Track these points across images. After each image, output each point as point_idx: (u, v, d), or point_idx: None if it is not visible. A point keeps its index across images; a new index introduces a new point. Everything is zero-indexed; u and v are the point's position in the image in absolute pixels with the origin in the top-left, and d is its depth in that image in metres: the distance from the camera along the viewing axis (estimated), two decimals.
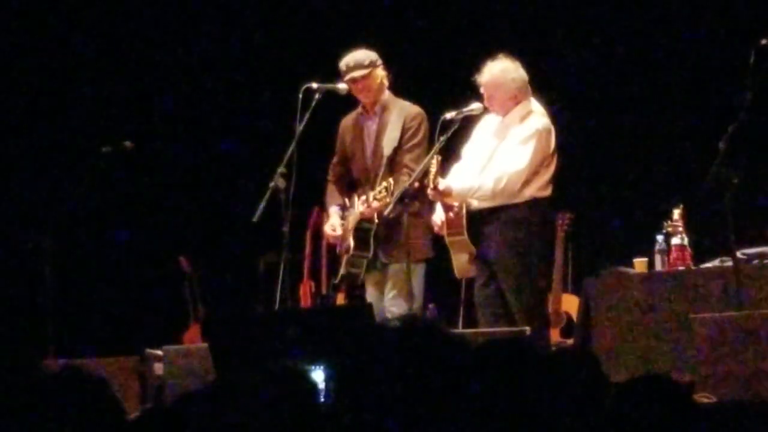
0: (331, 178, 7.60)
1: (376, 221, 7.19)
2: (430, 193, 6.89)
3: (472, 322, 7.34)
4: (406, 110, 7.35)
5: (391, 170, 7.16)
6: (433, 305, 8.16)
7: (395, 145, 7.26)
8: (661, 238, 7.40)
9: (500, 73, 7.02)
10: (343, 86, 7.30)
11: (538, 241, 6.98)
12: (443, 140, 6.91)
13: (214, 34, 10.23)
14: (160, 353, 7.61)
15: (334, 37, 9.07)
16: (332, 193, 7.57)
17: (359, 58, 7.31)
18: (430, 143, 7.11)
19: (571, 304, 8.31)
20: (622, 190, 9.06)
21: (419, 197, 7.02)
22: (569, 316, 8.38)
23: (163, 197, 10.24)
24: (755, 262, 7.04)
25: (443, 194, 6.94)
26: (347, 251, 7.32)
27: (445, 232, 7.12)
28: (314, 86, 7.21)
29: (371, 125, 7.42)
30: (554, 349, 7.12)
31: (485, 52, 7.22)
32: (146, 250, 10.14)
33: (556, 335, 8.27)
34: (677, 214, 7.39)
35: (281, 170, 7.02)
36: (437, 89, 8.44)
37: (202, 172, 10.33)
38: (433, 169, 6.83)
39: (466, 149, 7.21)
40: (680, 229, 7.35)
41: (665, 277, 7.24)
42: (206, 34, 10.25)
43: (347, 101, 7.49)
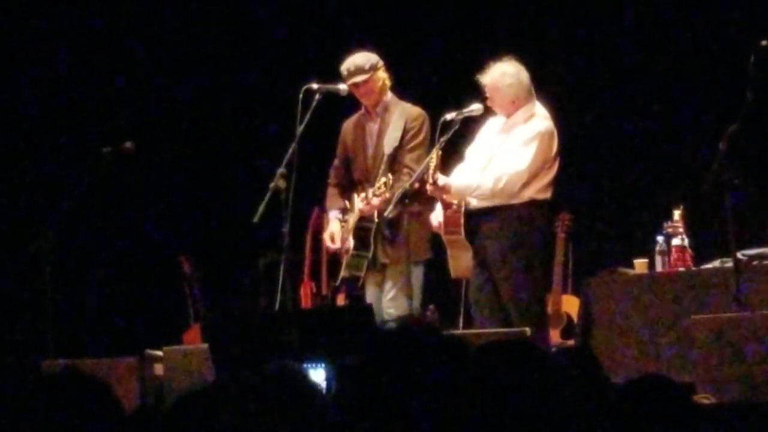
0: (331, 180, 7.60)
1: (375, 220, 7.19)
2: (428, 188, 6.88)
3: (472, 323, 7.33)
4: (407, 111, 7.35)
5: (391, 170, 7.15)
6: (433, 306, 8.16)
7: (396, 144, 7.25)
8: (661, 239, 7.40)
9: (499, 77, 7.02)
10: (343, 87, 7.29)
11: (536, 242, 6.98)
12: (443, 141, 6.92)
13: (214, 34, 10.23)
14: (160, 354, 7.61)
15: (335, 37, 9.07)
16: (333, 196, 7.56)
17: (360, 62, 7.29)
18: (431, 144, 7.10)
19: (571, 305, 8.31)
20: (622, 190, 9.06)
21: (420, 198, 7.02)
22: (569, 317, 8.38)
23: (163, 197, 10.24)
24: (755, 263, 7.03)
25: (442, 190, 6.93)
26: (347, 251, 7.32)
27: (442, 231, 7.12)
28: (314, 87, 7.20)
29: (373, 126, 7.41)
30: (555, 350, 7.12)
31: (486, 52, 7.22)
32: (146, 250, 10.14)
33: (556, 336, 8.27)
34: (677, 215, 7.39)
35: (281, 171, 7.01)
36: (437, 90, 8.44)
37: (202, 172, 10.32)
38: (432, 164, 6.83)
39: (469, 150, 7.20)
40: (680, 230, 7.35)
41: (665, 278, 7.23)
42: (206, 34, 10.24)
43: (347, 102, 7.49)
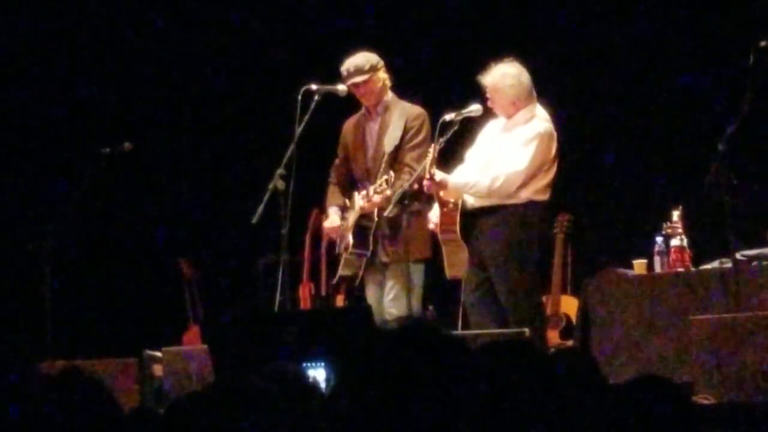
0: (332, 179, 7.60)
1: (375, 219, 7.19)
2: (425, 183, 6.87)
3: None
4: (408, 110, 7.35)
5: (392, 169, 7.14)
6: (432, 307, 8.15)
7: (396, 144, 7.26)
8: (660, 239, 7.40)
9: (500, 78, 7.02)
10: (342, 88, 7.29)
11: (532, 242, 6.97)
12: (442, 141, 6.92)
13: (214, 35, 10.23)
14: (159, 355, 7.61)
15: (334, 37, 9.07)
16: (333, 193, 7.56)
17: (359, 63, 7.29)
18: (431, 143, 7.10)
19: (570, 305, 8.31)
20: (621, 191, 9.05)
21: (420, 196, 7.02)
22: (568, 317, 8.37)
23: (162, 199, 10.24)
24: (754, 263, 7.04)
25: (439, 185, 6.93)
26: (346, 249, 7.32)
27: (438, 230, 7.12)
28: (313, 88, 7.21)
29: (373, 125, 7.42)
30: (553, 350, 7.12)
31: (486, 53, 7.22)
32: (146, 251, 10.14)
33: (555, 337, 8.27)
34: (676, 215, 7.39)
35: (280, 172, 7.02)
36: (437, 90, 8.43)
37: (201, 173, 10.32)
38: (429, 159, 6.83)
39: (469, 153, 7.20)
40: (679, 230, 7.35)
41: (664, 278, 7.23)
42: (206, 34, 10.24)
43: (347, 103, 7.49)
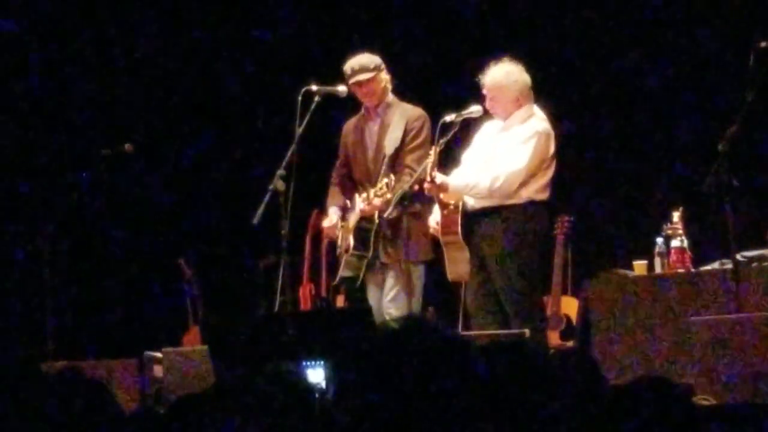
0: (334, 180, 7.60)
1: (376, 221, 7.19)
2: (426, 186, 6.87)
3: (470, 325, 7.32)
4: (408, 112, 7.36)
5: (392, 170, 7.15)
6: (432, 308, 8.15)
7: (397, 145, 7.26)
8: (660, 240, 7.39)
9: (504, 75, 7.03)
10: (342, 89, 7.30)
11: (534, 242, 6.98)
12: (443, 143, 6.92)
13: (214, 35, 10.23)
14: (159, 355, 7.61)
15: (335, 38, 9.07)
16: (334, 194, 7.56)
17: (364, 62, 7.31)
18: (431, 145, 7.10)
19: (570, 306, 8.30)
20: (621, 192, 9.06)
21: (420, 198, 7.02)
22: (569, 318, 8.37)
23: (162, 199, 10.24)
24: (755, 264, 7.04)
25: (440, 188, 6.93)
26: (346, 250, 7.32)
27: (439, 232, 7.12)
28: (314, 89, 7.21)
29: (373, 126, 7.42)
30: (554, 351, 7.12)
31: (485, 54, 7.23)
32: (146, 252, 10.14)
33: (555, 338, 8.26)
34: (677, 216, 7.39)
35: (280, 173, 7.02)
36: (437, 92, 8.44)
37: (202, 174, 10.32)
38: (430, 161, 6.83)
39: (465, 155, 7.20)
40: (680, 231, 7.35)
41: (665, 279, 7.23)
42: (206, 35, 10.24)
43: (347, 104, 7.49)
